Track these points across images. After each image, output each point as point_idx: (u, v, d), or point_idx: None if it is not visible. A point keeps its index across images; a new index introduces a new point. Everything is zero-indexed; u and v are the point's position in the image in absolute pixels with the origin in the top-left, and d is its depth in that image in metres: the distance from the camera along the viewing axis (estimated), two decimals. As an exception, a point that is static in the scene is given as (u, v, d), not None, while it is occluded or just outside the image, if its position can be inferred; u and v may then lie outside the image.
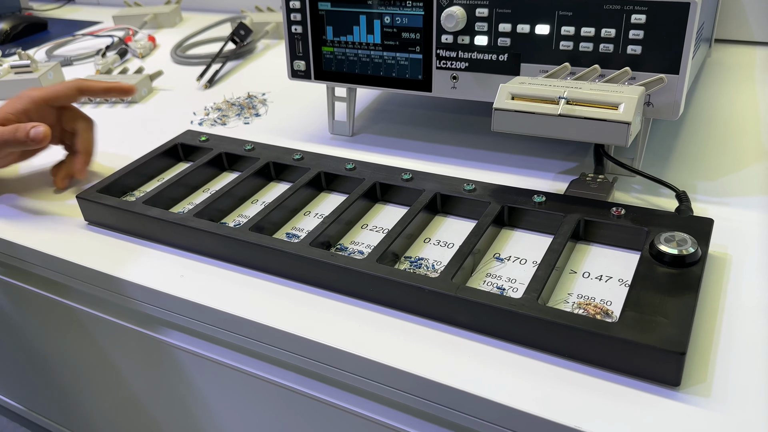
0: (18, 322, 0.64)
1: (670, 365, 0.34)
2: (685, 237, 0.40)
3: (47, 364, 0.66)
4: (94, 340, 0.58)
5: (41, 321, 0.61)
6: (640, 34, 0.46)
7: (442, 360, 0.37)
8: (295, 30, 0.58)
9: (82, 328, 0.57)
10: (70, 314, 0.57)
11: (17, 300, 0.61)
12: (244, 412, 0.52)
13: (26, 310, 0.61)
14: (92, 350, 0.59)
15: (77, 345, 0.60)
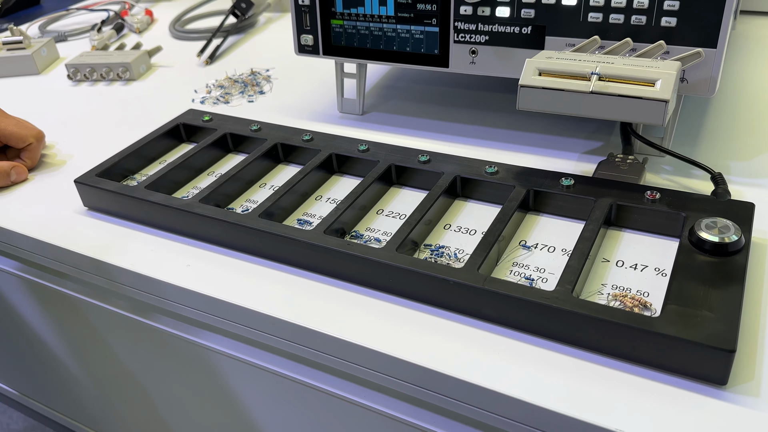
0: (15, 310, 0.62)
1: (718, 363, 0.31)
2: (727, 223, 0.37)
3: (46, 352, 0.64)
4: (93, 328, 0.55)
5: (37, 308, 0.59)
6: (676, 5, 0.43)
7: (468, 356, 0.34)
8: (302, 1, 0.55)
9: (79, 316, 0.55)
10: (67, 302, 0.54)
11: (14, 288, 0.59)
12: (246, 401, 0.50)
13: (23, 298, 0.59)
14: (90, 337, 0.57)
15: (75, 333, 0.58)
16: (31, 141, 0.57)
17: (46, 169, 0.57)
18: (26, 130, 0.57)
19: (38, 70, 0.79)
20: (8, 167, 0.54)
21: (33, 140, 0.57)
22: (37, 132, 0.57)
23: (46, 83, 0.76)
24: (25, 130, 0.57)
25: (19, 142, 0.56)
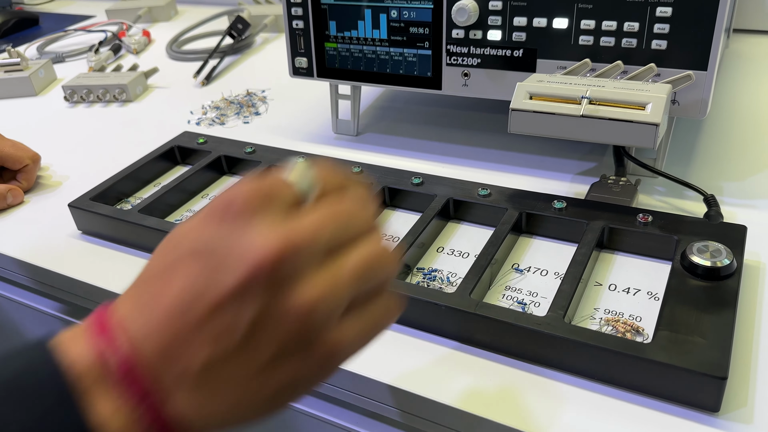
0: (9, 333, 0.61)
1: (710, 390, 0.31)
2: (719, 247, 0.37)
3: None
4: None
5: (32, 332, 0.59)
6: (666, 28, 0.43)
7: (460, 382, 0.34)
8: (296, 25, 0.55)
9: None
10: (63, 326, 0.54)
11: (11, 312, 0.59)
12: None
13: (17, 321, 0.59)
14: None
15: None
16: (27, 163, 0.57)
17: (42, 190, 0.57)
18: (22, 152, 0.57)
19: (35, 91, 0.80)
20: (5, 190, 0.54)
21: (29, 162, 0.57)
22: (33, 154, 0.58)
23: (43, 105, 0.77)
24: (22, 152, 0.57)
25: (16, 163, 0.56)
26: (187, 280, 0.22)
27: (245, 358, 0.22)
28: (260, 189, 0.23)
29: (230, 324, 0.22)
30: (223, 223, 0.23)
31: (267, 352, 0.22)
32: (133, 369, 0.22)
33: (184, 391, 0.22)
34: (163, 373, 0.22)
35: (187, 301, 0.22)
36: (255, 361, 0.22)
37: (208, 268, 0.22)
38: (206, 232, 0.23)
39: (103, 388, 0.22)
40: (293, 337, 0.22)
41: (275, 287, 0.22)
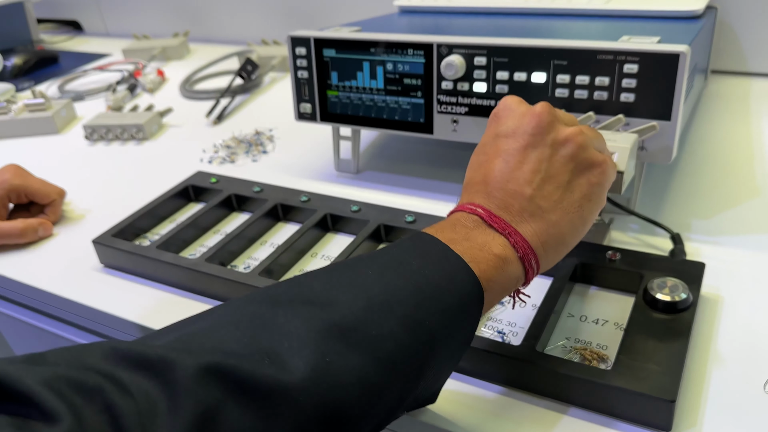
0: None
1: (662, 412, 0.35)
2: (677, 283, 0.42)
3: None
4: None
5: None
6: (633, 83, 0.48)
7: (444, 408, 0.38)
8: (301, 75, 0.61)
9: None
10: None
11: (34, 339, 0.63)
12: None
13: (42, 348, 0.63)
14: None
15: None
16: (54, 198, 0.62)
17: (67, 224, 0.62)
18: (50, 188, 0.62)
19: (58, 129, 0.85)
20: (36, 224, 0.59)
21: (56, 197, 0.62)
22: (60, 189, 0.63)
23: (65, 142, 0.82)
24: (49, 188, 0.62)
25: (44, 198, 0.62)
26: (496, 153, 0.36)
27: (550, 178, 0.35)
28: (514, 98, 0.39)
29: (535, 164, 0.35)
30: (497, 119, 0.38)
31: (560, 167, 0.35)
32: (490, 213, 0.34)
33: (526, 221, 0.34)
34: (507, 211, 0.34)
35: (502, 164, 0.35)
36: (556, 177, 0.35)
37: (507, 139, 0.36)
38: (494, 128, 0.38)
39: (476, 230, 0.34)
40: (571, 152, 0.35)
41: (551, 125, 0.36)
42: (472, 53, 0.52)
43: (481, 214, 0.34)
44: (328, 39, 0.58)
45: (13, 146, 0.83)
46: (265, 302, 0.30)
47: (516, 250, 0.34)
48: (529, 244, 0.34)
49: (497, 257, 0.33)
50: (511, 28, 0.63)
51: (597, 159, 0.36)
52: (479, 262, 0.33)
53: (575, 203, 0.35)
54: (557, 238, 0.35)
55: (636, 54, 0.47)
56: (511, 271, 0.34)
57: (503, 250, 0.33)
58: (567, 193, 0.35)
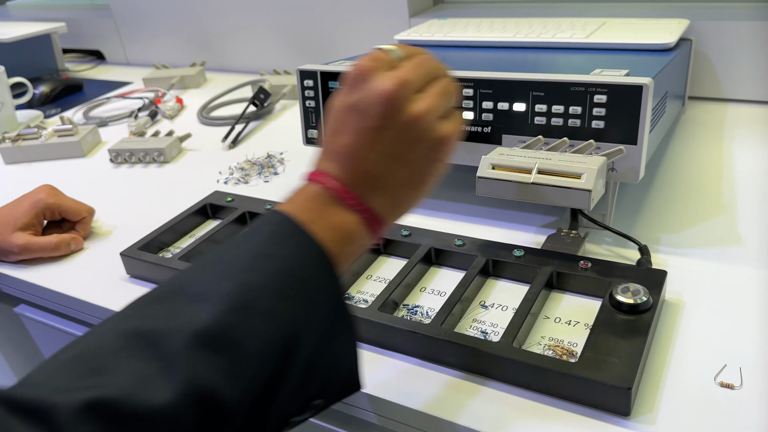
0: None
1: (621, 398, 0.40)
2: (639, 288, 0.47)
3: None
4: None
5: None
6: (603, 111, 0.54)
7: (431, 393, 0.44)
8: (308, 104, 0.67)
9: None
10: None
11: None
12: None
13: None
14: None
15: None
16: (84, 215, 0.68)
17: (95, 239, 0.69)
18: (81, 206, 0.69)
19: (84, 153, 0.92)
20: (69, 239, 0.65)
21: (86, 214, 0.69)
22: (89, 208, 0.69)
23: (91, 165, 0.89)
24: (80, 206, 0.69)
25: (75, 215, 0.68)
26: (350, 127, 0.37)
27: (399, 158, 0.38)
28: (370, 59, 0.38)
29: (385, 142, 0.37)
30: (354, 87, 0.38)
31: (408, 148, 0.38)
32: (345, 190, 0.37)
33: (375, 195, 0.38)
34: (360, 187, 0.37)
35: (355, 140, 0.37)
36: (404, 156, 0.38)
37: (359, 115, 0.37)
38: (348, 98, 0.38)
39: (332, 206, 0.37)
40: (418, 133, 0.38)
41: (399, 107, 0.37)
42: (461, 85, 0.59)
43: (337, 191, 0.37)
44: (333, 72, 0.65)
45: (43, 168, 0.90)
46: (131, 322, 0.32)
47: (367, 226, 0.38)
48: (379, 218, 0.38)
49: (351, 233, 0.37)
50: (499, 61, 0.70)
51: (440, 134, 0.39)
52: (335, 241, 0.36)
53: (421, 178, 0.39)
54: (402, 207, 0.40)
55: (605, 86, 0.53)
56: (361, 242, 0.38)
57: (357, 227, 0.37)
58: (413, 169, 0.39)
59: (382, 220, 0.38)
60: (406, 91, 0.37)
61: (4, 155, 0.92)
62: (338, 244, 0.36)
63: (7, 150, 0.92)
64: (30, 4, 1.81)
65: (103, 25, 1.39)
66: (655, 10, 0.91)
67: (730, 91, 0.86)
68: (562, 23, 0.81)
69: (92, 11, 1.46)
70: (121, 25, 1.35)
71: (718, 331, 0.47)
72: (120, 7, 1.33)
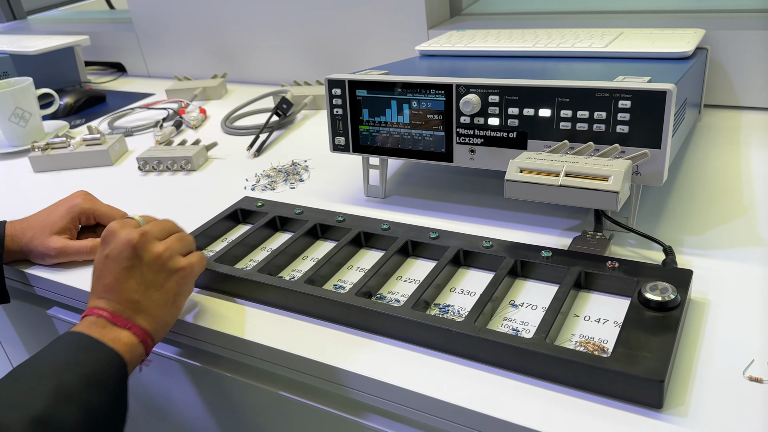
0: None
1: (653, 391, 0.42)
2: (666, 286, 0.48)
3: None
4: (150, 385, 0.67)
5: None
6: (627, 117, 0.56)
7: (466, 388, 0.45)
8: (336, 112, 0.69)
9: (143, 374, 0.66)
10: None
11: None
12: None
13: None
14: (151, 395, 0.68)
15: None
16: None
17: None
18: (115, 211, 0.71)
19: (112, 162, 0.95)
20: None
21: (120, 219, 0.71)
22: (123, 213, 0.71)
23: (119, 173, 0.91)
24: (114, 211, 0.71)
25: (109, 220, 0.70)
26: (109, 271, 0.51)
27: (151, 286, 0.51)
28: (118, 222, 0.54)
29: (138, 279, 0.51)
30: (106, 243, 0.53)
31: (156, 277, 0.51)
32: (115, 316, 0.50)
33: (138, 316, 0.50)
34: (126, 311, 0.50)
35: (115, 279, 0.51)
36: (155, 284, 0.51)
37: (114, 261, 0.51)
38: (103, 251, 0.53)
39: (107, 327, 0.49)
40: (161, 266, 0.52)
41: (143, 248, 0.52)
42: (487, 92, 0.61)
43: (107, 317, 0.49)
44: (361, 81, 0.67)
45: (72, 176, 0.92)
46: None
47: (137, 337, 0.50)
48: (146, 331, 0.50)
49: (126, 345, 0.49)
50: (521, 70, 0.72)
51: (180, 265, 0.53)
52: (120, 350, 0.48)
53: (170, 299, 0.52)
54: (163, 324, 0.52)
55: (629, 92, 0.55)
56: (137, 351, 0.49)
57: (129, 339, 0.49)
58: (163, 292, 0.52)
59: (149, 335, 0.50)
60: (148, 237, 0.52)
61: (33, 164, 0.95)
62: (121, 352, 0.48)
63: (36, 159, 0.94)
64: (50, 18, 1.85)
65: (125, 38, 1.42)
66: (670, 21, 0.93)
67: (744, 99, 0.87)
68: (579, 33, 0.83)
69: (113, 24, 1.49)
70: (143, 38, 1.38)
71: (745, 328, 0.48)
72: (142, 21, 1.36)
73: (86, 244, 0.67)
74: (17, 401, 0.43)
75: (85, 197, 0.70)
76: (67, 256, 0.67)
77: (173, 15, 1.30)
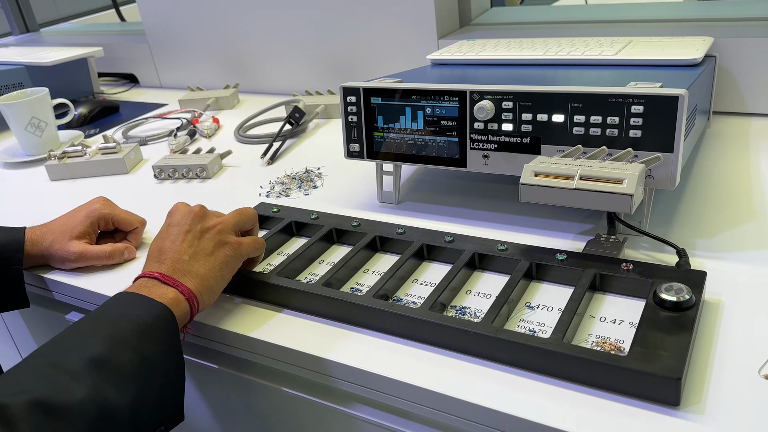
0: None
1: (670, 389, 0.42)
2: (681, 287, 0.49)
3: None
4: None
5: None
6: (640, 121, 0.57)
7: (484, 388, 0.46)
8: (351, 119, 0.70)
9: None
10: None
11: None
12: None
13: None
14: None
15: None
16: (137, 225, 0.72)
17: (146, 249, 0.71)
18: (134, 217, 0.72)
19: (127, 170, 0.96)
20: (122, 248, 0.68)
21: (138, 225, 0.72)
22: (142, 219, 0.73)
23: (135, 181, 0.93)
24: (133, 217, 0.72)
25: (128, 226, 0.71)
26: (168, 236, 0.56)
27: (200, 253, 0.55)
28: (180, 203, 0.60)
29: (190, 242, 0.55)
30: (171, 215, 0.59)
31: (206, 246, 0.56)
32: (164, 276, 0.53)
33: (187, 278, 0.53)
34: (175, 273, 0.53)
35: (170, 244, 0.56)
36: (205, 253, 0.55)
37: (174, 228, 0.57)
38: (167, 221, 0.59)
39: (156, 286, 0.52)
40: (213, 237, 0.56)
41: (200, 218, 0.57)
42: (501, 98, 0.62)
43: (157, 276, 0.53)
44: (375, 88, 0.68)
45: (88, 184, 0.93)
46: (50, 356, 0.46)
47: (183, 295, 0.52)
48: (191, 291, 0.52)
49: (172, 299, 0.51)
50: (532, 77, 0.73)
51: (230, 240, 0.57)
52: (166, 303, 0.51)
53: (217, 266, 0.55)
54: (208, 288, 0.54)
55: (642, 97, 0.56)
56: (183, 308, 0.52)
57: (175, 295, 0.52)
58: (211, 259, 0.55)
59: (194, 295, 0.53)
60: (205, 210, 0.59)
61: (50, 172, 0.96)
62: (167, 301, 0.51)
63: (53, 167, 0.96)
64: (62, 30, 1.88)
65: (137, 50, 1.44)
66: (679, 30, 0.94)
67: (753, 106, 0.88)
68: (589, 42, 0.84)
69: (125, 36, 1.52)
70: (155, 49, 1.40)
71: (759, 328, 0.49)
72: (154, 32, 1.38)
73: (105, 248, 0.68)
74: (77, 344, 0.46)
75: (104, 203, 0.72)
76: (86, 261, 0.68)
77: (185, 26, 1.32)
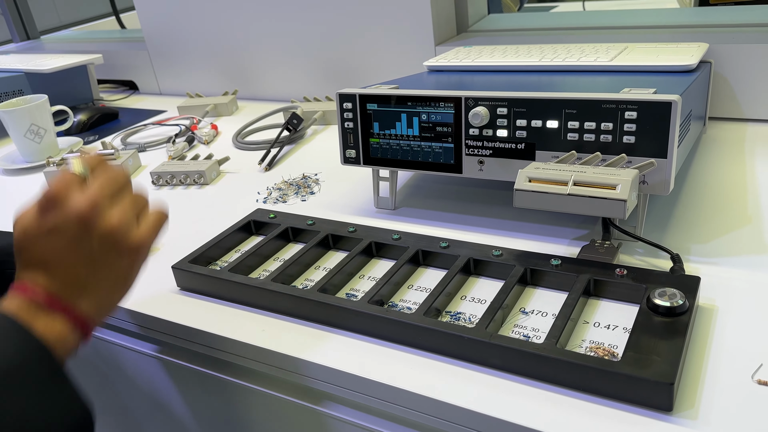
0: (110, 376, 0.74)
1: (663, 394, 0.42)
2: (675, 292, 0.49)
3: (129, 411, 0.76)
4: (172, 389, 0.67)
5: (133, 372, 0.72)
6: (633, 127, 0.57)
7: (477, 393, 0.46)
8: (347, 125, 0.71)
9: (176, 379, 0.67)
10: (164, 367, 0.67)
11: (118, 354, 0.72)
12: None
13: (123, 362, 0.72)
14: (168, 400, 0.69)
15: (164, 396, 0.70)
16: None
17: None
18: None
19: (126, 176, 0.96)
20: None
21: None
22: None
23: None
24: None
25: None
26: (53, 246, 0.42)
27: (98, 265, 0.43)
28: (60, 182, 0.43)
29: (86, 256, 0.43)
30: (48, 210, 0.43)
31: (107, 257, 0.44)
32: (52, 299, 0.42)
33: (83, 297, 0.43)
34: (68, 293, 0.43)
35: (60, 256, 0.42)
36: (104, 264, 0.44)
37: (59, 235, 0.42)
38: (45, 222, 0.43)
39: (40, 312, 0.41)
40: (115, 244, 0.44)
41: (94, 223, 0.43)
42: (495, 104, 0.62)
43: (44, 299, 0.42)
44: (371, 95, 0.68)
45: (87, 191, 0.93)
46: None
47: (74, 325, 0.43)
48: (84, 317, 0.43)
49: (59, 334, 0.42)
50: (527, 83, 0.73)
51: (133, 245, 0.45)
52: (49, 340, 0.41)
53: (120, 278, 0.45)
54: (109, 304, 0.46)
55: (635, 103, 0.56)
56: (70, 344, 0.42)
57: (63, 328, 0.42)
58: (114, 271, 0.45)
59: (90, 316, 0.44)
60: (99, 209, 0.43)
61: (48, 179, 0.96)
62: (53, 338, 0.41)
63: (52, 174, 0.96)
64: (63, 38, 1.89)
65: (137, 57, 1.45)
66: (674, 36, 0.94)
67: (748, 111, 0.89)
68: (585, 48, 0.85)
69: (125, 43, 1.52)
70: (155, 57, 1.41)
71: (753, 334, 0.49)
72: (154, 39, 1.39)
73: None
74: None
75: None
76: None
77: (185, 34, 1.32)
